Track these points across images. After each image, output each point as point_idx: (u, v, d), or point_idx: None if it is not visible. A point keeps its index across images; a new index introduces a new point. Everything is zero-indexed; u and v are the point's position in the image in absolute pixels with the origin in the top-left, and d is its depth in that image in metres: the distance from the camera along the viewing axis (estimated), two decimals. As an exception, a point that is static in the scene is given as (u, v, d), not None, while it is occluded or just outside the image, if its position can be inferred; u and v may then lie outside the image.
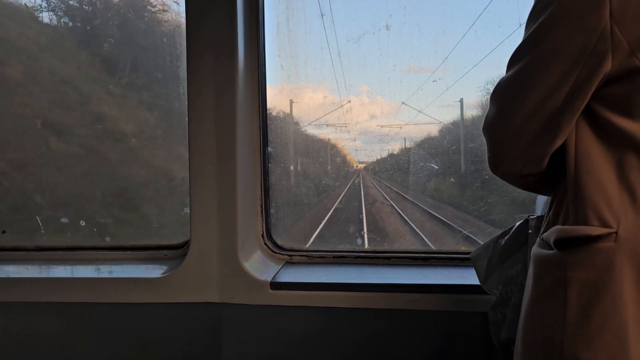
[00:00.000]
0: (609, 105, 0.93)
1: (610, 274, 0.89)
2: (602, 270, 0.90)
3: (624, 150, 0.93)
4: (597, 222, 0.92)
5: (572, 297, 0.92)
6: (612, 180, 0.93)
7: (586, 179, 0.94)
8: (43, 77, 2.54)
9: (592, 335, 0.89)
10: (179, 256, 1.95)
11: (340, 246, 2.13)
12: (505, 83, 1.02)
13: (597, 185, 0.93)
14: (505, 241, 1.45)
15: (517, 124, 0.98)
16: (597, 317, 0.89)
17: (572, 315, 0.91)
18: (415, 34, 2.09)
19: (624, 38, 0.86)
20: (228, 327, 1.79)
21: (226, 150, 1.75)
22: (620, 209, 0.91)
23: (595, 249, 0.91)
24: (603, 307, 0.89)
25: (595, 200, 0.93)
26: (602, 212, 0.92)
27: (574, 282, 0.92)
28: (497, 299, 1.45)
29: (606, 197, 0.92)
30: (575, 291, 0.92)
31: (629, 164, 0.92)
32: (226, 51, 1.73)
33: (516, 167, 1.03)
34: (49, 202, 2.46)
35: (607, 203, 0.92)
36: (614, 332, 0.88)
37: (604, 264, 0.90)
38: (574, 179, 0.96)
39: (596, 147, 0.95)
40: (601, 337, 0.88)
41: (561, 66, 0.91)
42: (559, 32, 0.91)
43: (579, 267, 0.92)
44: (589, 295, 0.91)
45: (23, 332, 1.89)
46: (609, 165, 0.94)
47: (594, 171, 0.94)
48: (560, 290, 0.94)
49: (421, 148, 2.31)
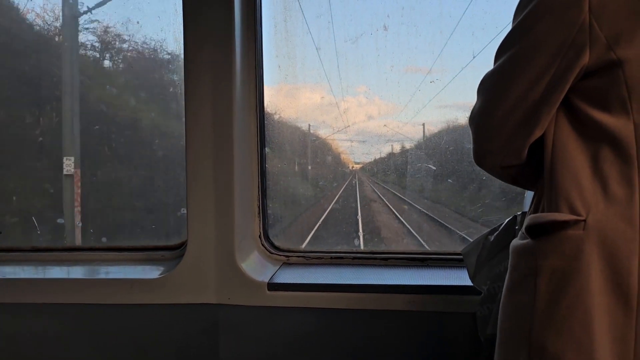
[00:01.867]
0: (587, 98, 0.95)
1: (578, 263, 0.91)
2: (570, 258, 0.91)
3: (600, 143, 0.94)
4: (567, 210, 0.93)
5: (542, 286, 0.93)
6: (586, 171, 0.95)
7: (561, 170, 0.96)
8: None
9: (560, 324, 0.90)
10: (176, 257, 1.95)
11: (338, 247, 2.13)
12: (491, 75, 1.04)
13: (571, 175, 0.95)
14: (495, 237, 1.46)
15: (500, 116, 1.00)
16: (564, 305, 0.90)
17: (540, 303, 0.93)
18: (413, 35, 2.09)
19: (602, 32, 0.88)
20: (225, 329, 1.79)
21: (223, 151, 1.74)
22: (592, 199, 0.93)
23: (564, 236, 0.93)
24: (571, 295, 0.90)
25: (567, 189, 0.95)
26: (574, 201, 0.93)
27: (543, 271, 0.94)
28: (485, 294, 1.45)
29: (579, 187, 0.94)
30: (545, 279, 0.93)
31: (604, 156, 0.94)
32: (223, 52, 1.73)
33: (497, 159, 1.05)
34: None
35: (579, 193, 0.94)
36: (581, 320, 0.89)
37: (572, 252, 0.91)
38: (549, 169, 0.98)
39: (573, 139, 0.97)
40: (568, 325, 0.90)
41: (543, 58, 0.93)
42: (542, 24, 0.93)
43: (548, 255, 0.94)
44: (557, 283, 0.92)
45: (19, 333, 1.88)
46: (584, 156, 0.95)
47: (569, 162, 0.96)
48: (531, 279, 0.95)
49: (419, 149, 2.31)
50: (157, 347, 1.83)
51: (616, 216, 0.91)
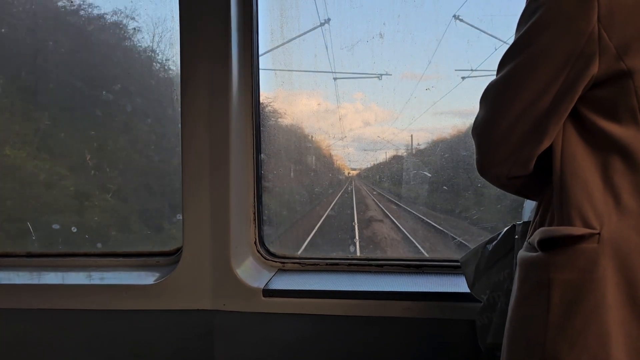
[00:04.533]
0: (596, 108, 0.94)
1: (593, 276, 0.90)
2: (584, 271, 0.90)
3: (610, 153, 0.93)
4: (580, 223, 0.93)
5: (555, 299, 0.92)
6: (596, 182, 0.94)
7: (571, 181, 0.95)
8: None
9: (575, 337, 0.89)
10: (171, 263, 1.94)
11: (333, 253, 2.13)
12: (495, 85, 1.02)
13: (581, 187, 0.94)
14: (493, 247, 1.47)
15: (505, 126, 0.99)
16: (579, 319, 0.90)
17: (554, 316, 0.92)
18: (408, 42, 2.10)
19: (612, 42, 0.87)
20: (220, 335, 1.78)
21: (219, 157, 1.75)
22: (604, 211, 0.92)
23: (578, 250, 0.92)
24: (586, 308, 0.89)
25: (579, 201, 0.94)
26: (586, 213, 0.93)
27: (556, 284, 0.93)
28: (484, 304, 1.46)
29: (590, 199, 0.93)
30: (558, 292, 0.92)
31: (614, 167, 0.93)
32: (220, 58, 1.73)
33: (503, 169, 1.04)
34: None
35: (591, 205, 0.93)
36: (596, 334, 0.88)
37: (586, 265, 0.91)
38: (559, 180, 0.97)
39: (582, 150, 0.96)
40: (583, 339, 0.89)
41: (550, 68, 0.93)
42: (548, 34, 0.92)
43: (561, 269, 0.93)
44: (571, 296, 0.91)
45: (13, 339, 1.87)
46: (594, 167, 0.95)
47: (579, 173, 0.95)
48: (544, 292, 0.94)
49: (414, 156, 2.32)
50: (153, 353, 1.82)
51: (630, 229, 0.90)
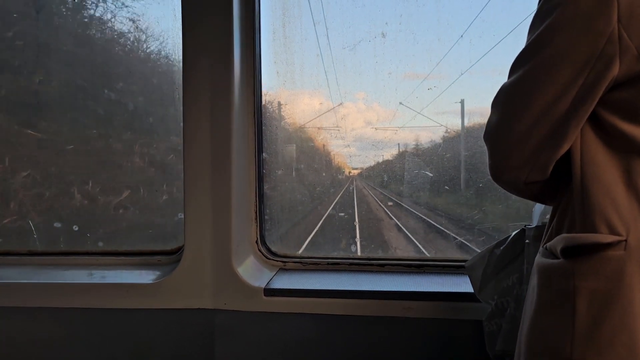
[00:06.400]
0: (615, 110, 0.92)
1: (620, 284, 0.87)
2: (611, 279, 0.88)
3: (631, 156, 0.91)
4: (605, 230, 0.90)
5: (581, 308, 0.89)
6: (619, 186, 0.91)
7: (593, 186, 0.93)
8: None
9: (603, 347, 0.87)
10: (173, 262, 1.94)
11: (334, 253, 2.13)
12: (509, 88, 0.99)
13: (604, 192, 0.92)
14: (501, 251, 1.44)
15: (522, 130, 0.95)
16: (607, 328, 0.87)
17: (581, 326, 0.89)
18: (410, 42, 2.10)
19: (632, 42, 0.84)
20: (221, 334, 1.78)
21: (221, 156, 1.75)
22: (630, 217, 0.90)
23: (604, 257, 0.89)
24: (613, 317, 0.87)
25: (603, 207, 0.91)
26: (611, 219, 0.90)
27: (582, 292, 0.90)
28: (493, 309, 1.44)
29: (614, 204, 0.91)
30: (585, 301, 0.89)
31: (637, 170, 0.91)
32: (222, 57, 1.73)
33: (521, 175, 1.00)
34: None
35: (615, 210, 0.90)
36: (626, 343, 0.86)
37: (613, 273, 0.88)
38: (580, 186, 0.95)
39: (602, 153, 0.93)
40: (612, 349, 0.86)
41: (568, 70, 0.90)
42: (565, 35, 0.89)
43: (587, 277, 0.90)
44: (598, 305, 0.88)
45: (14, 337, 1.87)
46: (616, 171, 0.92)
47: (600, 178, 0.92)
48: (569, 300, 0.91)
49: (416, 155, 2.32)
50: (153, 352, 1.83)
51: None
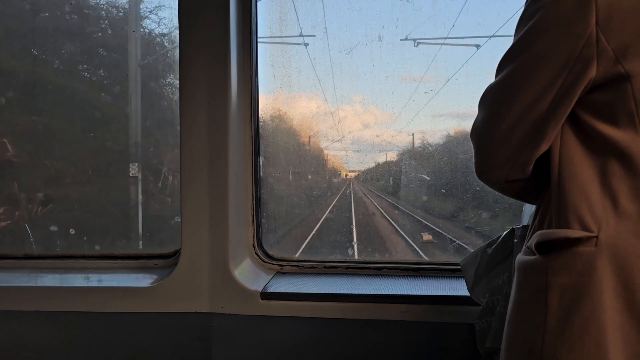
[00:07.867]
0: (593, 111, 0.94)
1: (590, 279, 0.90)
2: (582, 275, 0.90)
3: (608, 157, 0.94)
4: (577, 227, 0.93)
5: (553, 303, 0.92)
6: (594, 186, 0.94)
7: (569, 184, 0.95)
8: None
9: (573, 341, 0.89)
10: (170, 265, 1.94)
11: (331, 256, 2.13)
12: (494, 88, 1.03)
13: (579, 190, 0.94)
14: (492, 250, 1.46)
15: (504, 129, 0.99)
16: (577, 323, 0.89)
17: (552, 320, 0.92)
18: (407, 45, 2.11)
19: (610, 45, 0.87)
20: (218, 337, 1.78)
21: (218, 160, 1.75)
22: (602, 215, 0.92)
23: (575, 253, 0.92)
24: (583, 312, 0.89)
25: (577, 204, 0.94)
26: (584, 216, 0.93)
27: (554, 287, 0.92)
28: (484, 308, 1.45)
29: (588, 203, 0.93)
30: (556, 296, 0.92)
31: (612, 171, 0.93)
32: (219, 60, 1.73)
33: (502, 173, 1.04)
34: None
35: (589, 208, 0.93)
36: (594, 338, 0.88)
37: (584, 268, 0.90)
38: (557, 184, 0.97)
39: (580, 153, 0.96)
40: (581, 343, 0.89)
41: (548, 72, 0.93)
42: (546, 37, 0.92)
43: (559, 272, 0.93)
44: (569, 300, 0.91)
45: (11, 341, 1.87)
46: (592, 171, 0.95)
47: (577, 176, 0.95)
48: (541, 296, 0.94)
49: (412, 159, 2.32)
50: (150, 356, 1.82)
51: (628, 232, 0.90)
